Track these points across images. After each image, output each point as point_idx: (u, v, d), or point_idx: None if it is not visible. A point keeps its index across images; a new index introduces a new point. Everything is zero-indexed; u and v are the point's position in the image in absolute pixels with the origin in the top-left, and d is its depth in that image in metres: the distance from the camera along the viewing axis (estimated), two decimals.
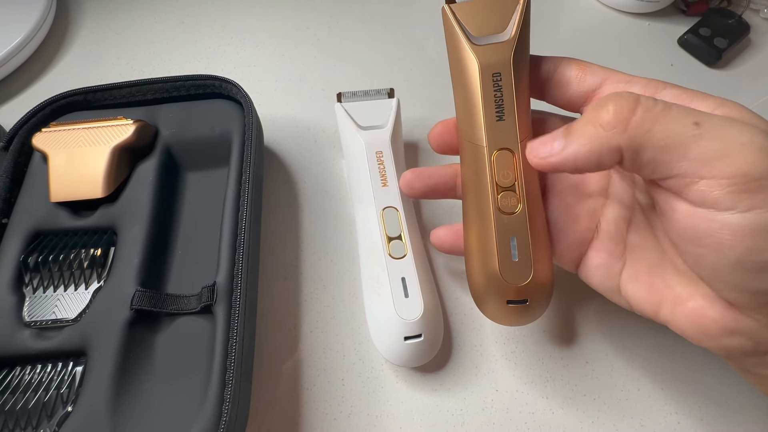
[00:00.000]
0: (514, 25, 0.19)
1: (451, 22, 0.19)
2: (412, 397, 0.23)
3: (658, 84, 0.18)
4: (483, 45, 0.19)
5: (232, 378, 0.18)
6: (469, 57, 0.19)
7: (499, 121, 0.19)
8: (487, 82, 0.19)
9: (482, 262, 0.19)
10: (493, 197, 0.19)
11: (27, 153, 0.25)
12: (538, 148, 0.17)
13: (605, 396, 0.23)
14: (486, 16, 0.19)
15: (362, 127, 0.26)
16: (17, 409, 0.19)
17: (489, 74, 0.19)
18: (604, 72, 0.19)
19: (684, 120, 0.14)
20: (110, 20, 0.37)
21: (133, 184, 0.24)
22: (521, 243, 0.19)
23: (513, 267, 0.19)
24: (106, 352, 0.20)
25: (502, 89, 0.19)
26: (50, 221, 0.23)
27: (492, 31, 0.19)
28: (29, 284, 0.22)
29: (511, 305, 0.19)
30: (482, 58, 0.19)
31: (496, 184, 0.19)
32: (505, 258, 0.19)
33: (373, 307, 0.23)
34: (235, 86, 0.26)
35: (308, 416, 0.22)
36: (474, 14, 0.19)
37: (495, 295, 0.19)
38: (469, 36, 0.19)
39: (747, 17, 0.37)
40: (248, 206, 0.22)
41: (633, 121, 0.15)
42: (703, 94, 0.17)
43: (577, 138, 0.16)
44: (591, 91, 0.19)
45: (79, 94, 0.26)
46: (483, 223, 0.19)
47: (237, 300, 0.20)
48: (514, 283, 0.19)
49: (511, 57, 0.19)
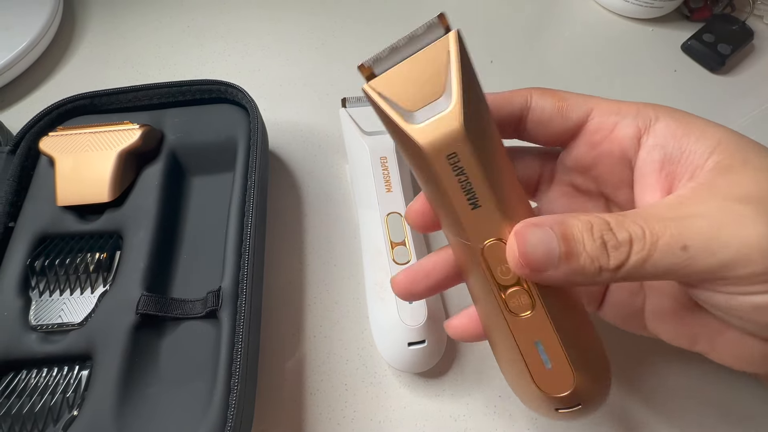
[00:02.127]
0: (452, 83, 0.14)
1: (379, 104, 0.15)
2: (416, 402, 0.23)
3: (649, 113, 0.16)
4: (423, 123, 0.15)
5: (237, 383, 0.18)
6: (412, 142, 0.15)
7: (475, 209, 0.15)
8: (443, 167, 0.15)
9: (514, 374, 0.16)
10: (500, 299, 0.15)
11: (34, 157, 0.26)
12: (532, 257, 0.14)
13: (609, 403, 0.23)
14: (416, 83, 0.15)
15: (367, 133, 0.27)
16: (24, 413, 0.19)
17: (442, 158, 0.14)
18: (587, 102, 0.17)
19: (672, 250, 0.13)
20: (116, 24, 0.37)
21: (139, 188, 0.25)
22: (550, 348, 0.15)
23: (549, 376, 0.15)
24: (112, 356, 0.20)
25: (464, 170, 0.15)
26: (57, 225, 0.23)
27: (429, 99, 0.15)
28: (35, 288, 0.22)
29: (563, 411, 0.16)
30: (427, 140, 0.14)
31: (498, 283, 0.15)
32: (537, 368, 0.15)
33: (377, 313, 0.23)
34: (240, 91, 0.26)
35: (312, 421, 0.22)
36: (402, 84, 0.15)
37: (540, 406, 0.16)
38: (404, 115, 0.15)
39: (751, 23, 0.37)
40: (253, 211, 0.23)
41: (623, 270, 0.13)
42: (700, 125, 0.15)
43: (574, 263, 0.14)
44: (577, 126, 0.17)
45: (86, 98, 0.27)
46: (499, 330, 0.16)
47: (242, 305, 0.20)
48: (556, 394, 0.15)
49: (462, 128, 0.14)
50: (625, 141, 0.17)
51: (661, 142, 0.16)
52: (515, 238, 0.14)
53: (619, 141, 0.17)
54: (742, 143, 0.15)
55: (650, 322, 0.18)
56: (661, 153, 0.16)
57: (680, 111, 0.16)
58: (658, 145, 0.16)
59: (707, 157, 0.15)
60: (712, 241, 0.13)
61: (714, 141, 0.15)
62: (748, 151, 0.15)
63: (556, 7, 0.40)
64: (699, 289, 0.14)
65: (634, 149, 0.17)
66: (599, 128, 0.17)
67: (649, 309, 0.18)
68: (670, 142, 0.16)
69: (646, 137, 0.16)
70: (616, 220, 0.14)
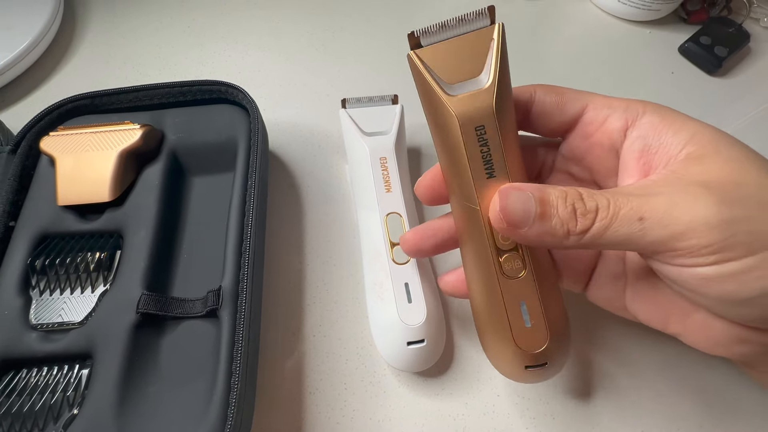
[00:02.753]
0: (491, 66, 0.17)
1: (421, 71, 0.17)
2: (415, 401, 0.23)
3: (638, 108, 0.18)
4: (460, 95, 0.17)
5: (237, 382, 0.19)
6: (447, 110, 0.17)
7: (490, 178, 0.17)
8: (470, 137, 0.17)
9: (494, 330, 0.18)
10: (496, 262, 0.17)
11: (34, 156, 0.26)
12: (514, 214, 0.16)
13: (606, 401, 0.23)
14: (458, 60, 0.17)
15: (366, 133, 0.27)
16: (24, 412, 0.19)
17: (471, 128, 0.17)
18: (584, 97, 0.19)
19: (631, 221, 0.15)
20: (117, 24, 0.37)
21: (139, 188, 0.25)
22: (532, 308, 0.17)
23: (527, 334, 0.17)
24: (112, 355, 0.20)
25: (488, 143, 0.17)
26: (57, 224, 0.23)
27: (467, 76, 0.17)
28: (36, 287, 0.22)
29: (530, 369, 0.18)
30: (461, 110, 0.16)
31: (497, 247, 0.17)
32: (518, 326, 0.17)
33: (376, 312, 0.23)
34: (241, 92, 0.26)
35: (311, 420, 0.23)
36: (444, 59, 0.17)
37: (512, 362, 0.18)
38: (442, 85, 0.17)
39: (747, 26, 0.37)
40: (254, 211, 0.23)
41: (588, 236, 0.15)
42: (680, 120, 0.17)
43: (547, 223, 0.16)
44: (574, 119, 0.19)
45: (87, 98, 0.27)
46: (489, 290, 0.18)
47: (242, 304, 0.20)
48: (530, 350, 0.17)
49: (493, 105, 0.16)
50: (613, 133, 0.18)
51: (643, 134, 0.17)
52: (498, 196, 0.16)
53: (608, 132, 0.18)
54: (715, 136, 0.16)
55: (629, 303, 0.19)
56: (642, 144, 0.17)
57: (666, 108, 0.18)
58: (641, 136, 0.17)
59: (681, 148, 0.16)
60: (666, 215, 0.14)
61: (689, 134, 0.16)
62: (720, 143, 0.16)
63: (554, 10, 0.40)
64: (655, 261, 0.16)
65: (621, 140, 0.18)
66: (592, 121, 0.19)
67: (629, 292, 0.19)
68: (651, 134, 0.17)
69: (632, 129, 0.18)
70: (588, 192, 0.16)
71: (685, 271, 0.15)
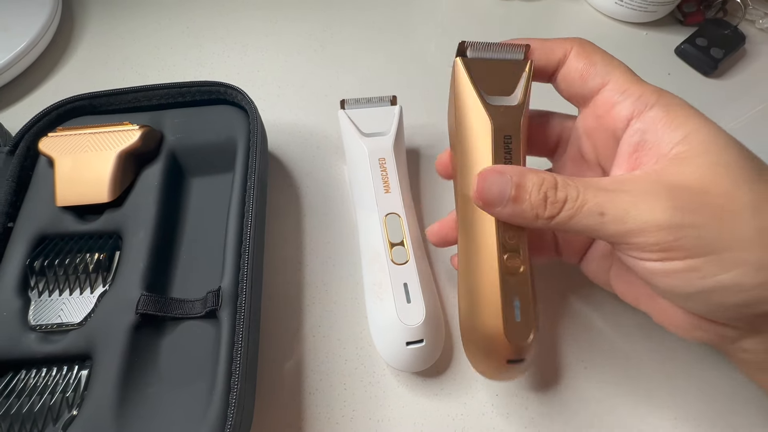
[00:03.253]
0: (521, 89, 0.20)
1: (465, 77, 0.19)
2: (414, 401, 0.23)
3: (649, 99, 0.18)
4: (495, 105, 0.19)
5: (237, 382, 0.19)
6: (483, 116, 0.19)
7: None
8: (498, 143, 0.19)
9: (486, 322, 0.19)
10: (500, 258, 0.18)
11: (33, 157, 0.26)
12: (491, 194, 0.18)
13: (604, 402, 0.24)
14: (495, 78, 0.20)
15: (365, 134, 0.27)
16: (23, 413, 0.19)
17: (501, 136, 0.19)
18: (608, 73, 0.19)
19: (592, 214, 0.16)
20: (115, 25, 0.37)
21: (138, 188, 0.25)
22: (524, 303, 0.19)
23: (516, 327, 0.18)
24: (112, 355, 0.20)
25: (512, 152, 0.19)
26: (56, 225, 0.23)
27: (501, 92, 0.20)
28: (35, 288, 0.22)
29: (510, 364, 0.19)
30: (496, 119, 0.19)
31: (503, 244, 0.19)
32: (510, 319, 0.18)
33: (375, 312, 0.23)
34: (240, 93, 0.26)
35: (311, 420, 0.23)
36: (485, 73, 0.20)
37: (496, 354, 0.19)
38: (482, 94, 0.19)
39: (743, 28, 0.37)
40: (253, 211, 0.23)
41: (555, 221, 0.17)
42: (682, 116, 0.17)
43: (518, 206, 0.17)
44: (591, 94, 0.20)
45: (85, 99, 0.27)
46: (488, 284, 0.19)
47: (242, 305, 0.20)
48: (516, 343, 0.18)
49: (521, 121, 0.19)
50: (618, 121, 0.19)
51: (643, 128, 0.18)
52: (478, 177, 0.18)
53: (614, 119, 0.19)
54: (709, 137, 0.17)
55: (611, 279, 0.21)
56: (639, 138, 0.18)
57: (677, 101, 0.18)
58: (640, 130, 0.18)
59: (672, 147, 0.17)
60: (624, 213, 0.16)
61: (684, 132, 0.17)
62: (710, 145, 0.16)
63: (550, 11, 0.40)
64: (617, 251, 0.18)
65: (623, 129, 0.19)
66: (605, 102, 0.19)
67: (612, 269, 0.21)
68: (650, 128, 0.18)
69: (636, 120, 0.18)
70: (562, 182, 0.17)
71: (638, 263, 0.17)
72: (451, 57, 0.21)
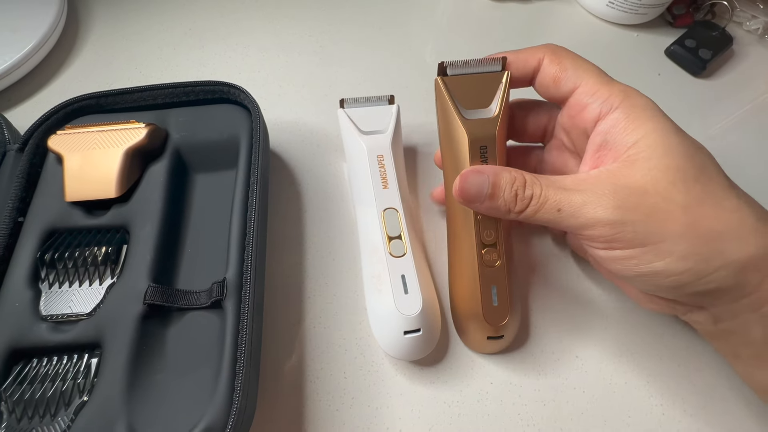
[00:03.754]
0: (498, 101, 0.22)
1: (444, 94, 0.22)
2: (411, 389, 0.24)
3: (614, 101, 0.20)
4: (471, 119, 0.22)
5: (242, 368, 0.19)
6: (460, 129, 0.22)
7: None
8: (474, 153, 0.22)
9: (468, 305, 0.23)
10: (479, 253, 0.22)
11: (41, 154, 0.26)
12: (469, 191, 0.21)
13: (594, 389, 0.24)
14: (474, 92, 0.22)
15: (364, 132, 0.28)
16: (36, 398, 0.20)
17: (477, 147, 0.22)
18: (578, 77, 0.21)
19: (552, 210, 0.19)
20: (119, 26, 0.38)
21: (144, 184, 0.25)
22: (500, 291, 0.22)
23: (493, 310, 0.22)
24: (120, 344, 0.21)
25: (487, 160, 0.22)
26: (65, 220, 0.24)
27: (479, 105, 0.22)
28: (45, 280, 0.23)
29: (490, 340, 0.23)
30: (471, 132, 0.22)
31: (482, 241, 0.22)
32: (488, 303, 0.22)
33: (374, 303, 0.24)
34: (243, 92, 0.27)
35: (312, 407, 0.23)
36: (463, 88, 0.22)
37: (477, 332, 0.23)
38: (459, 109, 0.22)
39: (730, 30, 0.39)
40: (256, 206, 0.24)
41: (523, 215, 0.20)
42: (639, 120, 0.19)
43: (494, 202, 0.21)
44: (565, 97, 0.22)
45: (92, 98, 0.28)
46: (470, 274, 0.23)
47: (246, 295, 0.21)
48: (494, 324, 0.22)
49: (496, 132, 0.22)
50: (587, 122, 0.21)
51: (605, 129, 0.20)
52: (460, 178, 0.21)
53: (584, 120, 0.21)
54: (658, 141, 0.19)
55: (587, 255, 0.25)
56: (601, 139, 0.20)
57: (639, 103, 0.20)
58: (602, 131, 0.20)
59: (626, 149, 0.19)
60: (577, 210, 0.19)
61: (638, 136, 0.19)
62: (657, 150, 0.19)
63: (543, 13, 0.41)
64: (578, 238, 0.20)
65: (590, 130, 0.21)
66: (576, 104, 0.21)
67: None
68: (611, 131, 0.20)
69: (600, 123, 0.21)
70: (530, 181, 0.20)
71: (591, 249, 0.20)
72: (447, 57, 0.22)
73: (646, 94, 0.21)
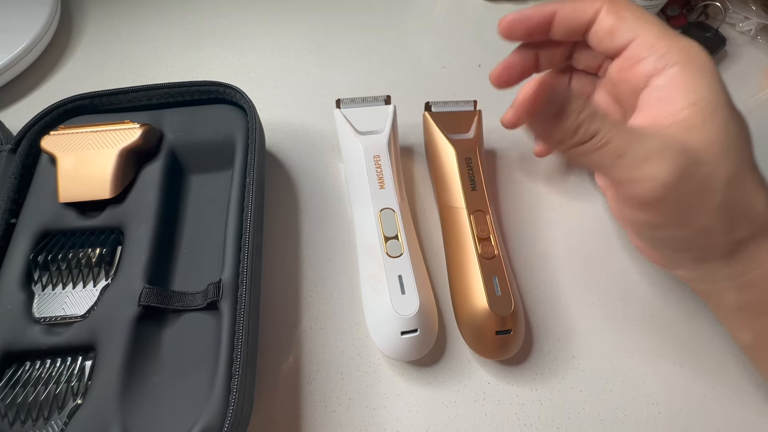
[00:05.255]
0: (474, 127, 0.29)
1: (432, 124, 0.29)
2: (408, 389, 0.24)
3: (672, 56, 0.19)
4: (456, 139, 0.28)
5: (238, 369, 0.19)
6: (448, 146, 0.28)
7: (473, 190, 0.26)
8: (462, 163, 0.27)
9: (472, 298, 0.24)
10: (475, 246, 0.24)
11: (35, 155, 0.26)
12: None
13: (591, 388, 0.24)
14: (454, 123, 0.29)
15: (360, 133, 0.28)
16: (29, 402, 0.20)
17: (463, 158, 0.27)
18: (636, 29, 0.20)
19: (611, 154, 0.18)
20: (113, 26, 0.38)
21: (139, 185, 0.25)
22: (501, 280, 0.24)
23: (498, 300, 0.23)
24: (115, 346, 0.21)
25: (472, 168, 0.27)
26: (58, 221, 0.24)
27: (460, 132, 0.28)
28: (38, 282, 0.23)
29: (499, 335, 0.23)
30: (458, 148, 0.27)
31: (476, 236, 0.25)
32: (491, 293, 0.23)
33: (371, 304, 0.24)
34: (239, 92, 0.27)
35: (309, 408, 0.23)
36: (446, 120, 0.29)
37: (485, 326, 0.23)
38: (445, 133, 0.28)
39: (723, 30, 0.39)
40: (252, 206, 0.23)
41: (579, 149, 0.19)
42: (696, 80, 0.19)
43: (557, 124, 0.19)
44: (620, 49, 0.21)
45: (86, 98, 0.27)
46: (469, 268, 0.24)
47: (242, 295, 0.21)
48: (500, 314, 0.23)
49: (477, 147, 0.28)
50: (641, 77, 0.20)
51: (663, 84, 0.19)
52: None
53: (638, 75, 0.20)
54: (711, 108, 0.18)
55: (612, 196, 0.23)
56: (657, 95, 0.19)
57: (699, 61, 0.19)
58: (659, 87, 0.19)
59: (681, 109, 0.19)
60: (640, 162, 0.18)
61: (693, 99, 0.18)
62: (712, 118, 0.18)
63: None
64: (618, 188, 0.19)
65: (643, 85, 0.20)
66: (630, 57, 0.20)
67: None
68: (668, 87, 0.19)
69: (656, 78, 0.20)
70: (600, 114, 0.18)
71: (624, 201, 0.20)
72: (443, 58, 0.22)
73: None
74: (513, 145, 0.33)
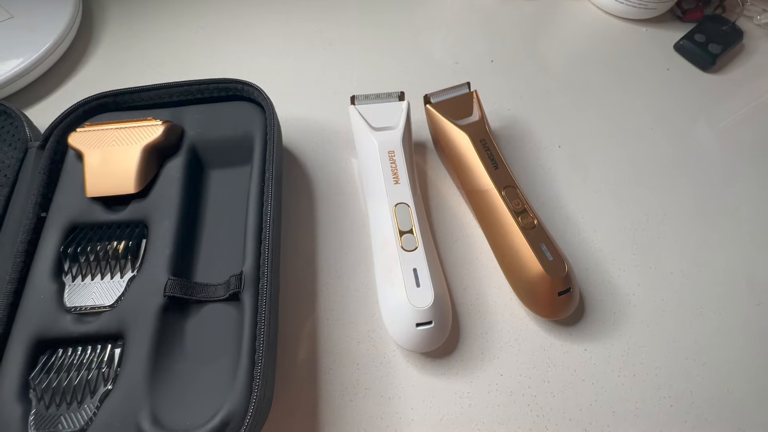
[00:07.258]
0: (477, 110, 0.29)
1: (436, 114, 0.29)
2: (423, 380, 0.25)
3: None
4: (464, 125, 0.28)
5: (261, 358, 0.20)
6: (460, 133, 0.28)
7: (496, 169, 0.27)
8: (478, 146, 0.28)
9: (528, 269, 0.25)
10: (515, 219, 0.25)
11: (62, 151, 0.27)
12: None
13: (603, 381, 0.25)
14: (456, 108, 0.29)
15: (375, 128, 0.28)
16: (63, 386, 0.21)
17: (478, 141, 0.28)
18: None
19: None
20: (133, 26, 0.39)
21: (162, 180, 0.26)
22: (549, 246, 0.25)
23: (551, 265, 0.24)
24: (142, 335, 0.22)
25: (489, 149, 0.28)
26: (86, 215, 0.25)
27: (464, 116, 0.29)
28: (68, 273, 0.24)
29: (562, 296, 0.24)
30: (469, 132, 0.28)
31: (513, 210, 0.26)
32: (544, 260, 0.24)
33: (386, 296, 0.25)
34: (257, 90, 0.28)
35: (326, 397, 0.24)
36: (448, 108, 0.29)
37: (546, 291, 0.24)
38: (452, 121, 0.28)
39: (741, 24, 0.38)
40: (271, 201, 0.24)
41: None
42: None
43: None
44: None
45: (109, 96, 0.28)
46: (517, 241, 0.25)
47: (264, 287, 0.22)
48: (557, 276, 0.24)
49: (486, 128, 0.28)
50: None
51: None
52: None
53: None
54: None
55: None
56: None
57: None
58: None
59: None
60: None
61: None
62: None
63: (553, 9, 0.42)
64: None
65: None
66: None
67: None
68: None
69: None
70: None
71: None
72: (455, 54, 0.22)
73: (655, 89, 0.21)
74: (507, 125, 0.33)
